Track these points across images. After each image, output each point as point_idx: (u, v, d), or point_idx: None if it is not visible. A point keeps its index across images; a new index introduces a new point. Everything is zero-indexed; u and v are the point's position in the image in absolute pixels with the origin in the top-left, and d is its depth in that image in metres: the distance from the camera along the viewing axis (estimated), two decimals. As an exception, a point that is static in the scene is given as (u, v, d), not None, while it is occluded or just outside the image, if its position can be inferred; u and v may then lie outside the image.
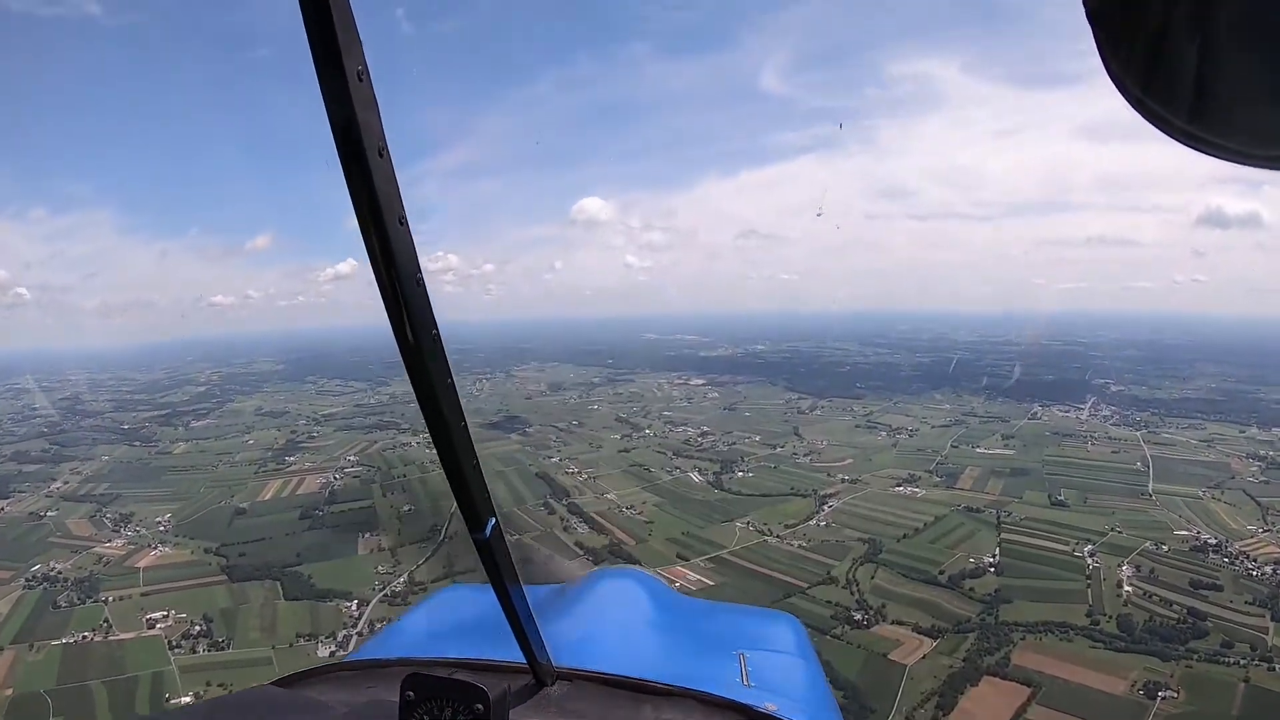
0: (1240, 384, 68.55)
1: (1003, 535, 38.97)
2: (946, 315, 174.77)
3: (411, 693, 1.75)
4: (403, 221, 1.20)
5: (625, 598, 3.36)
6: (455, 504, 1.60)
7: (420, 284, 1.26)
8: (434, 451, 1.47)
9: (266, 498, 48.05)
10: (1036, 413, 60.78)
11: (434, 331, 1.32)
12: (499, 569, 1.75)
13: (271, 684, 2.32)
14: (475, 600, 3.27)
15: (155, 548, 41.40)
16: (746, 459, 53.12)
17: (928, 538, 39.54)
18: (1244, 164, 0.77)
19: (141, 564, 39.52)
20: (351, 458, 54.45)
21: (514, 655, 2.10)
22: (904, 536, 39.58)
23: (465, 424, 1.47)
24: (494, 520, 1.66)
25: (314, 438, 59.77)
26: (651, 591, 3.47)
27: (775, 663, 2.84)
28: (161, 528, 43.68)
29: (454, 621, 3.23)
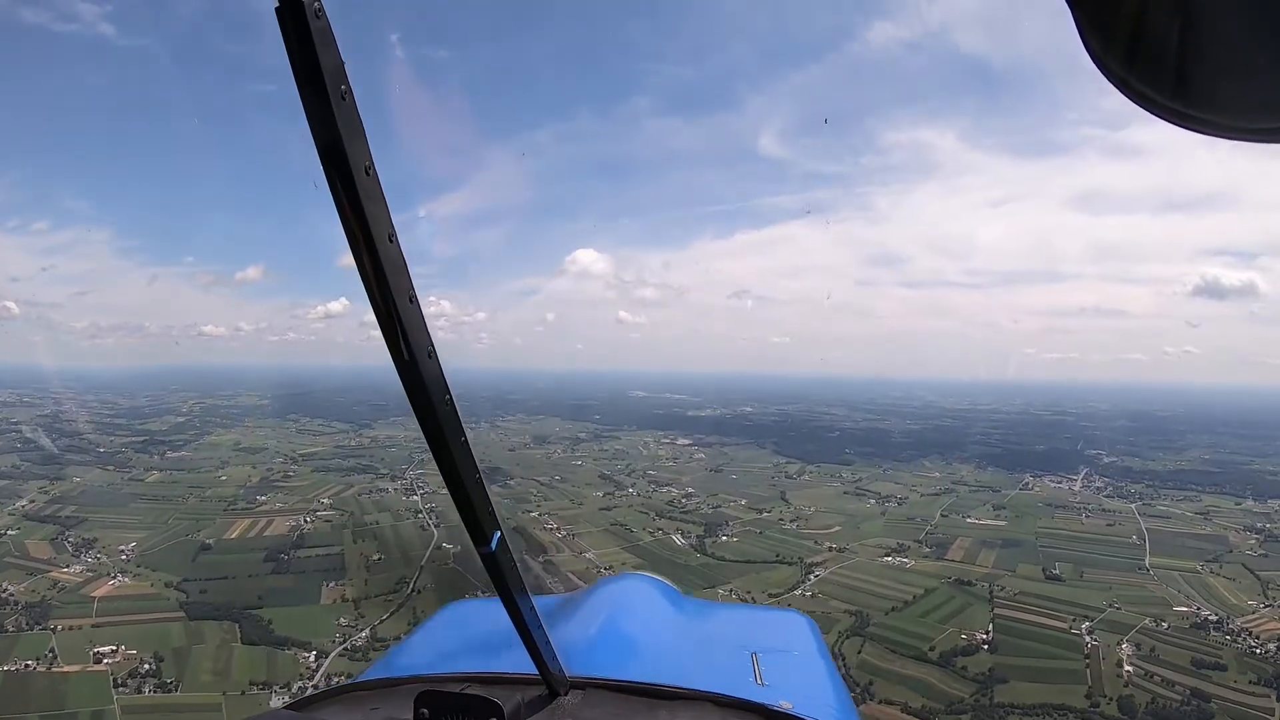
0: (1234, 455, 67.88)
1: (996, 610, 37.36)
2: (936, 382, 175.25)
3: (425, 710, 1.79)
4: (393, 239, 1.18)
5: (635, 603, 3.38)
6: (460, 519, 1.61)
7: (414, 301, 1.25)
8: (431, 472, 1.54)
9: (233, 536, 46.23)
10: (1028, 483, 59.74)
11: (429, 348, 1.30)
12: (506, 581, 1.74)
13: (285, 707, 2.35)
14: (483, 614, 3.35)
15: (114, 577, 39.63)
16: (731, 523, 51.63)
17: (917, 611, 37.91)
18: (1229, 138, 0.77)
19: (98, 593, 37.69)
20: (325, 501, 52.54)
21: (525, 667, 2.10)
22: (893, 609, 37.93)
23: (466, 439, 1.47)
24: (499, 533, 1.65)
25: (289, 477, 57.85)
26: (661, 595, 3.51)
27: (789, 661, 2.89)
28: (124, 556, 41.90)
29: (463, 636, 3.27)
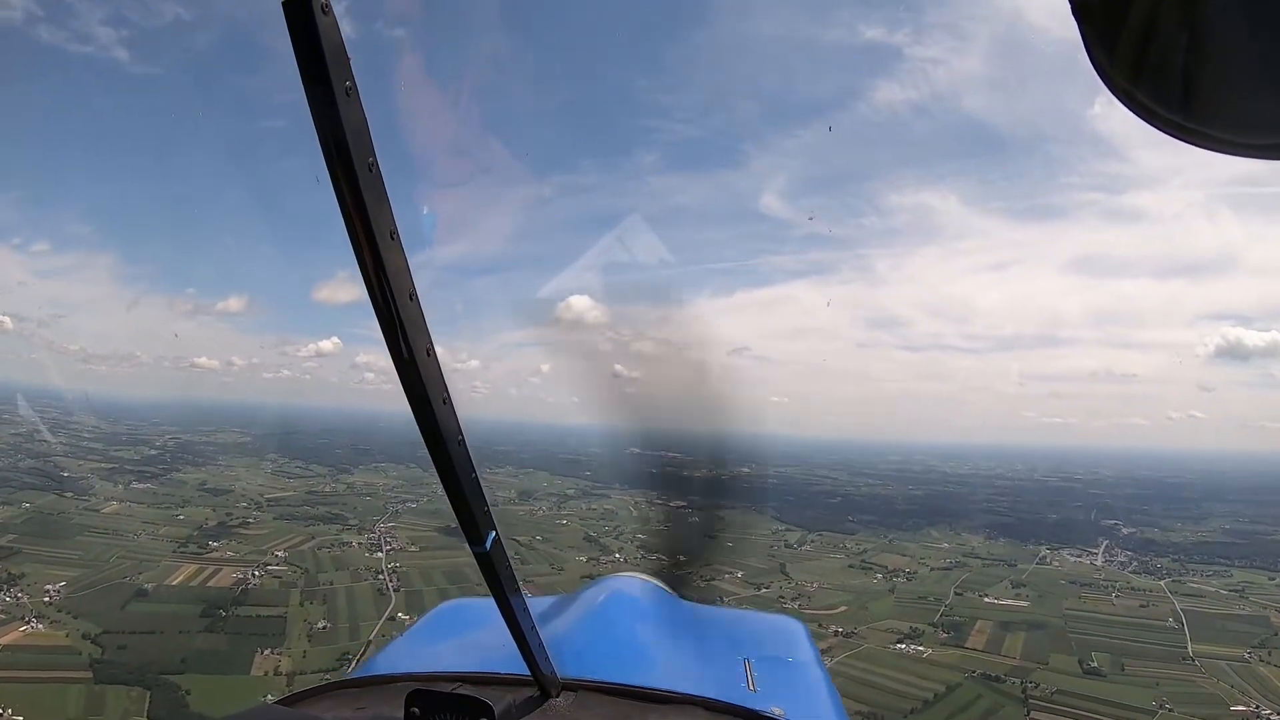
0: (1256, 525, 63.91)
1: (1033, 715, 32.72)
2: (935, 446, 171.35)
3: (416, 709, 1.78)
4: (394, 236, 1.19)
5: (629, 605, 3.38)
6: (456, 518, 1.58)
7: (414, 299, 1.26)
8: (433, 472, 1.48)
9: (175, 582, 41.99)
10: (1045, 556, 55.46)
11: (428, 347, 1.30)
12: (500, 581, 1.76)
13: (276, 702, 2.33)
14: (477, 613, 3.33)
15: (29, 622, 35.38)
16: (727, 599, 46.90)
17: (941, 712, 33.23)
18: (1234, 154, 0.76)
19: (3, 640, 33.56)
20: (280, 554, 48.15)
21: (518, 667, 2.08)
22: (912, 711, 33.27)
23: (463, 439, 1.46)
24: (494, 533, 1.68)
25: (249, 524, 53.24)
26: (655, 598, 3.53)
27: (781, 668, 2.99)
28: (47, 599, 37.66)
29: (456, 635, 3.24)
